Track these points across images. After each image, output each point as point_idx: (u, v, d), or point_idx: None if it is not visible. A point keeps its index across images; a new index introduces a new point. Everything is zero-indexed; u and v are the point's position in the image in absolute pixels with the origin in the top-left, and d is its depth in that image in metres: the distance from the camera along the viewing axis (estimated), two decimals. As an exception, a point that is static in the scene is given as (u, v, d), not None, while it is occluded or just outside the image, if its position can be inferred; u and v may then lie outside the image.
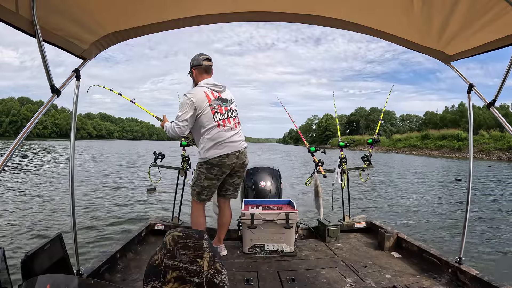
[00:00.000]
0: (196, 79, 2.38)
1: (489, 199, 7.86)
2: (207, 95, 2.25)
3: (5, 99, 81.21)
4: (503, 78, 1.53)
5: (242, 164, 2.35)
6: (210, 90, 2.29)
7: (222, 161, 2.23)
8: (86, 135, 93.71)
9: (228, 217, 2.50)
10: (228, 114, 2.30)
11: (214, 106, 2.25)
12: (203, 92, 2.25)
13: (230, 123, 2.28)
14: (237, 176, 2.42)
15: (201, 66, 2.36)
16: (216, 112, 2.25)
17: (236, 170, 2.34)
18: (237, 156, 2.28)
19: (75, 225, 1.81)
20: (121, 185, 8.99)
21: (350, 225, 3.04)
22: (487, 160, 22.36)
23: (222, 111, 2.27)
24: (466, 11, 1.45)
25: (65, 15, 1.41)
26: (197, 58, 2.39)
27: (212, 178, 2.28)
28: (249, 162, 2.48)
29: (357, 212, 4.20)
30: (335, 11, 1.72)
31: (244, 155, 2.35)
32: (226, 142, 2.23)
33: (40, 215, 5.34)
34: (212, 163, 2.23)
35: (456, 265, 1.96)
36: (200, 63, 2.36)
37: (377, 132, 3.36)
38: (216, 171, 2.26)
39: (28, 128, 1.27)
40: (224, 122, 2.26)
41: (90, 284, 0.92)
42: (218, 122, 2.23)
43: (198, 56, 2.40)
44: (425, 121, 52.75)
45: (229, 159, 2.24)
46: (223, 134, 2.23)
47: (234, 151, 2.26)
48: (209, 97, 2.25)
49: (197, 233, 0.88)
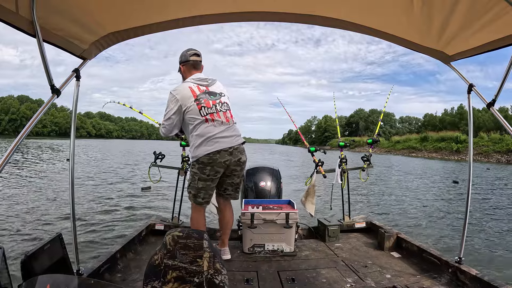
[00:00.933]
0: (185, 76, 2.27)
1: (489, 199, 7.87)
2: (192, 90, 2.13)
3: (5, 97, 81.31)
4: (503, 78, 1.53)
5: (237, 162, 2.17)
6: (196, 85, 2.17)
7: (213, 158, 2.06)
8: (85, 134, 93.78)
9: (228, 219, 2.38)
10: (216, 108, 2.14)
11: (200, 100, 2.11)
12: (187, 88, 2.13)
13: (220, 117, 2.13)
14: (235, 176, 2.26)
15: (189, 62, 2.26)
16: (203, 106, 2.10)
17: (232, 169, 2.17)
18: (230, 152, 2.11)
19: (75, 225, 1.81)
20: (121, 185, 8.99)
21: (350, 225, 3.04)
22: (485, 163, 22.36)
23: (209, 104, 2.12)
24: (466, 11, 1.45)
25: (65, 15, 1.41)
26: (184, 54, 2.28)
27: (205, 179, 2.12)
28: (248, 162, 2.36)
29: (357, 212, 4.20)
30: (335, 11, 1.72)
31: (239, 152, 2.17)
32: (216, 137, 2.07)
33: (40, 215, 5.33)
34: (203, 161, 2.08)
35: (456, 265, 1.96)
36: (188, 59, 2.26)
37: (376, 133, 3.37)
38: (209, 170, 2.09)
39: (28, 128, 1.27)
40: (212, 116, 2.10)
41: (90, 284, 0.92)
42: (205, 116, 2.09)
43: (186, 51, 2.28)
44: (425, 123, 52.82)
45: (221, 156, 2.08)
46: (211, 129, 2.08)
47: (226, 147, 2.09)
48: (194, 91, 2.12)
49: (197, 233, 0.88)
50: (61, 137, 74.19)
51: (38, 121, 1.34)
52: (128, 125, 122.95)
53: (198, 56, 2.29)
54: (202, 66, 2.33)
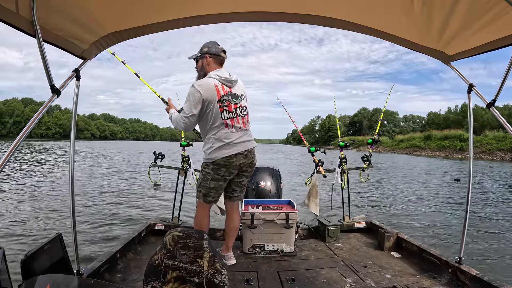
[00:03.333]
0: (207, 69, 2.14)
1: (489, 199, 7.86)
2: (217, 89, 2.04)
3: (9, 99, 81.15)
4: (503, 78, 1.53)
5: (250, 164, 2.19)
6: (221, 84, 2.07)
7: (230, 161, 2.07)
8: (89, 135, 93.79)
9: (236, 222, 2.33)
10: (237, 113, 2.10)
11: (224, 102, 2.04)
12: (213, 85, 2.03)
13: (239, 123, 2.10)
14: (245, 176, 2.25)
15: (219, 57, 2.15)
16: (225, 109, 2.05)
17: (244, 170, 2.18)
18: (245, 155, 2.12)
19: (75, 225, 1.81)
20: (121, 185, 8.99)
21: (350, 225, 3.04)
22: (489, 161, 22.34)
23: (231, 108, 2.07)
24: (466, 11, 1.45)
25: (65, 15, 1.41)
26: (215, 46, 2.15)
27: (219, 179, 2.12)
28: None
29: (357, 212, 4.20)
30: (335, 11, 1.72)
31: (252, 154, 2.18)
32: (235, 143, 2.07)
33: (40, 215, 5.33)
34: (219, 163, 2.07)
35: (456, 265, 1.96)
36: (219, 53, 2.14)
37: (377, 132, 3.37)
38: (224, 171, 2.10)
39: (28, 128, 1.27)
40: (232, 122, 2.07)
41: (90, 284, 0.92)
42: (225, 121, 2.05)
43: (215, 44, 2.16)
44: (428, 122, 52.86)
45: (237, 159, 2.08)
46: (231, 135, 2.06)
47: (243, 150, 2.10)
48: (219, 91, 2.04)
49: (197, 233, 0.88)
50: (66, 138, 73.94)
51: (42, 123, 1.33)
52: (132, 127, 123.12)
53: (225, 53, 2.20)
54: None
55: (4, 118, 74.31)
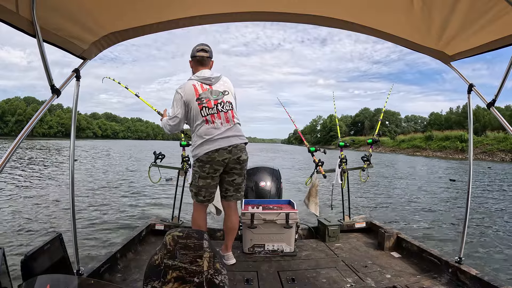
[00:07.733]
0: (194, 71, 2.25)
1: (489, 199, 7.86)
2: (195, 88, 2.11)
3: (11, 98, 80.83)
4: (503, 78, 1.53)
5: (237, 160, 2.14)
6: (200, 83, 2.13)
7: (212, 157, 2.07)
8: (91, 134, 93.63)
9: (233, 222, 2.30)
10: (218, 108, 2.11)
11: (202, 100, 2.09)
12: (191, 86, 2.11)
13: (220, 118, 2.11)
14: (235, 174, 2.20)
15: (195, 58, 2.22)
16: (204, 106, 2.08)
17: (231, 166, 2.15)
18: (229, 151, 2.09)
19: (75, 225, 1.81)
20: (121, 185, 8.99)
21: (350, 225, 3.04)
22: (489, 161, 22.33)
23: (211, 105, 2.10)
24: (466, 11, 1.45)
25: (65, 15, 1.41)
26: (194, 48, 2.25)
27: (205, 177, 2.13)
28: (249, 162, 2.31)
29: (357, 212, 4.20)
30: (335, 11, 1.72)
31: (239, 150, 2.14)
32: (216, 138, 2.08)
33: (40, 215, 5.34)
34: (203, 160, 2.09)
35: (456, 265, 1.96)
36: (194, 54, 2.21)
37: (376, 132, 3.38)
38: (208, 168, 2.10)
39: (29, 127, 1.27)
40: (212, 118, 2.09)
41: (90, 284, 0.92)
42: (205, 117, 2.08)
43: (195, 46, 2.25)
44: (430, 122, 52.88)
45: (219, 155, 2.07)
46: (212, 131, 2.08)
47: (225, 145, 2.08)
48: (197, 90, 2.10)
49: (197, 233, 0.88)
50: (68, 137, 73.53)
51: (44, 122, 1.34)
52: (134, 126, 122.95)
53: (205, 52, 2.22)
54: (212, 61, 2.28)
55: (6, 116, 74.25)
